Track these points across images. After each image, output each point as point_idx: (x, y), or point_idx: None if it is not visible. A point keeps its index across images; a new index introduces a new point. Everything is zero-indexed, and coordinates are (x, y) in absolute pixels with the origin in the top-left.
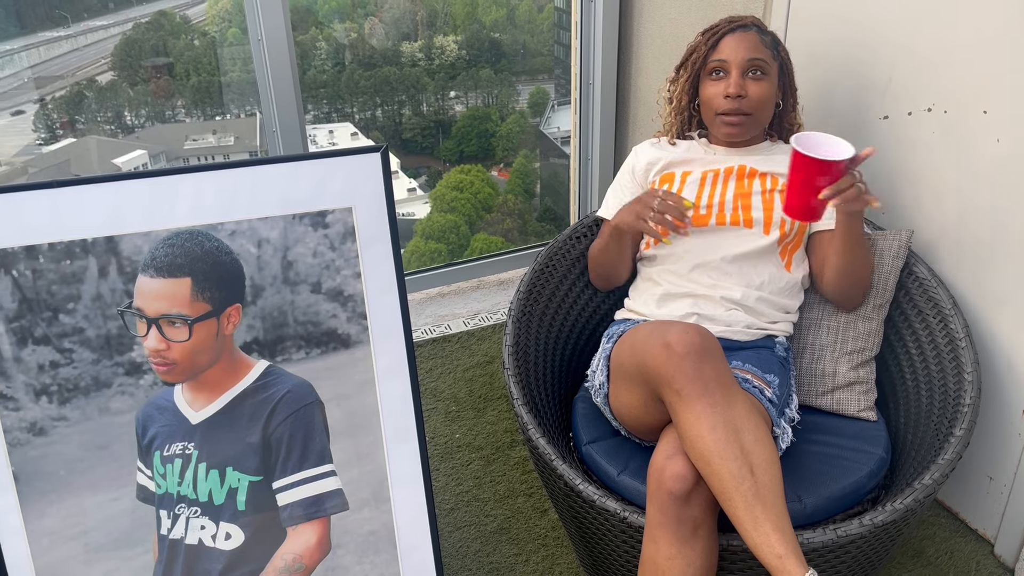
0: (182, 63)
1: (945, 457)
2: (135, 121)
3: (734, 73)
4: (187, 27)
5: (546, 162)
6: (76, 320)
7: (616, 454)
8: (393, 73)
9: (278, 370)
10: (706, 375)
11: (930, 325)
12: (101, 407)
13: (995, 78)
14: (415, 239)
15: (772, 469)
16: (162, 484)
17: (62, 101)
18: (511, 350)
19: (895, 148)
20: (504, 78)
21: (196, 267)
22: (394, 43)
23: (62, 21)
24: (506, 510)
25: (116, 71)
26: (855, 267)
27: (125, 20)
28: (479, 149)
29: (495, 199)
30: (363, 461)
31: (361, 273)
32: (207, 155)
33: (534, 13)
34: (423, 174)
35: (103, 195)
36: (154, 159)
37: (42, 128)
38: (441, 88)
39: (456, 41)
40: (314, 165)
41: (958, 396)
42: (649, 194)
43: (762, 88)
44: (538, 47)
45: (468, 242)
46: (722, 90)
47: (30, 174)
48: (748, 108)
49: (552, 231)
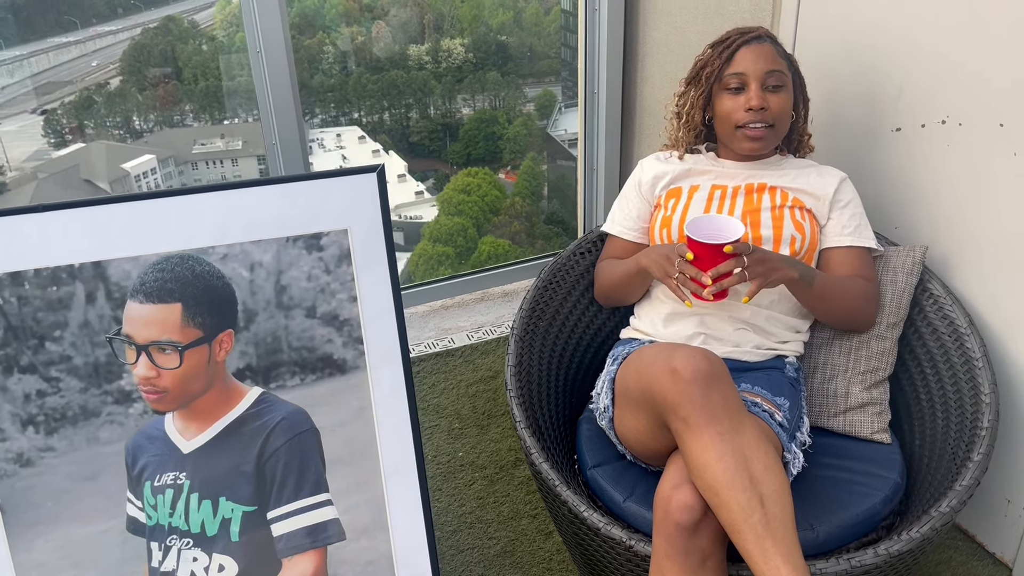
0: (190, 68)
1: (962, 483)
2: (143, 126)
3: (753, 86)
4: (195, 32)
5: (553, 164)
6: (63, 348)
7: (622, 479)
8: (400, 76)
9: (272, 397)
10: (714, 402)
11: (945, 344)
12: (89, 437)
13: (1012, 90)
14: (422, 242)
15: (783, 499)
16: (153, 515)
17: (71, 106)
18: (513, 370)
19: (908, 161)
20: (511, 81)
21: (187, 292)
22: (401, 47)
23: (71, 26)
24: (510, 532)
25: (125, 76)
26: (820, 311)
27: (134, 25)
28: (486, 152)
29: (502, 202)
30: (360, 489)
31: (357, 297)
32: (215, 159)
33: (541, 16)
34: (430, 177)
35: (90, 219)
36: (162, 163)
37: (51, 133)
38: (448, 91)
39: (463, 44)
40: (308, 186)
41: (975, 419)
42: (673, 252)
43: (782, 100)
44: (545, 49)
45: (476, 245)
46: (742, 104)
47: (39, 179)
48: (770, 120)
49: (560, 233)
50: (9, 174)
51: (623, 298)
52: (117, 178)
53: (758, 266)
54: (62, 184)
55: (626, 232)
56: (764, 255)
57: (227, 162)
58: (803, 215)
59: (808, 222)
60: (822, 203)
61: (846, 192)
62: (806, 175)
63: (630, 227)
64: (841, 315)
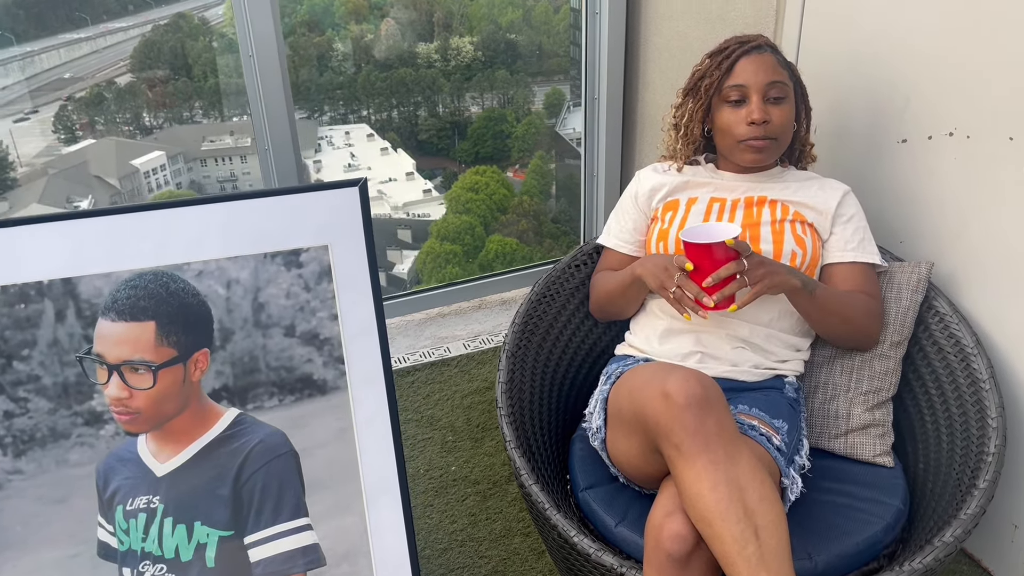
0: (200, 65)
1: (968, 512)
2: (153, 122)
3: (755, 98)
4: (205, 29)
5: (561, 163)
6: (31, 367)
7: (614, 502)
8: (409, 74)
9: (249, 419)
10: (708, 429)
11: (951, 364)
12: (59, 459)
13: (1023, 102)
14: (430, 240)
15: (778, 531)
16: (125, 540)
17: (82, 103)
18: (504, 387)
19: (913, 174)
20: (520, 79)
21: (160, 310)
22: (410, 44)
23: (82, 23)
24: (502, 551)
25: (135, 73)
26: (821, 324)
27: (144, 22)
28: (495, 150)
29: (510, 200)
30: (341, 514)
31: (338, 315)
32: (224, 156)
33: (550, 14)
34: (439, 175)
35: (61, 234)
36: (171, 160)
37: (62, 129)
38: (457, 89)
39: (472, 42)
40: (287, 200)
41: (981, 443)
42: (672, 264)
43: (784, 112)
44: (554, 48)
45: (483, 243)
46: (743, 117)
47: (49, 175)
48: (773, 133)
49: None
50: (20, 170)
51: (618, 311)
52: (126, 174)
53: (758, 269)
54: (72, 180)
55: (622, 245)
56: (763, 259)
57: (236, 159)
58: (804, 229)
59: (809, 236)
60: (824, 217)
61: (849, 206)
62: (808, 188)
63: (626, 240)
64: (844, 330)
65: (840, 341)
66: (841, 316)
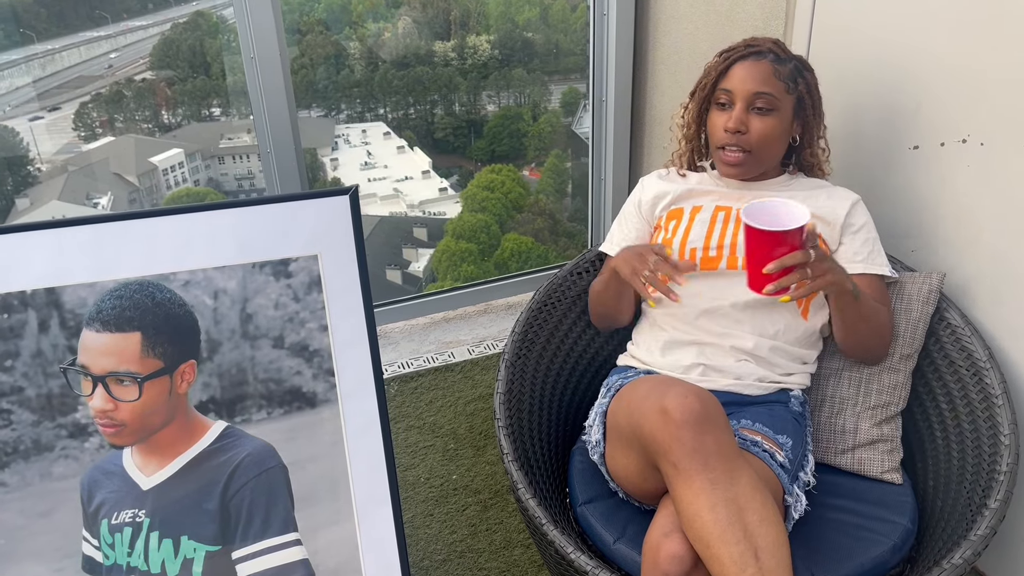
0: (218, 63)
1: (978, 532)
2: (172, 120)
3: (738, 106)
4: (224, 27)
5: (577, 162)
6: (14, 379)
7: (613, 518)
8: (426, 73)
9: (237, 431)
10: (707, 447)
11: (963, 379)
12: (43, 472)
13: None
14: (446, 238)
15: (779, 552)
16: (110, 555)
17: (102, 100)
18: (503, 398)
19: (925, 181)
20: (536, 77)
21: (146, 321)
22: (427, 42)
23: (102, 21)
24: (501, 563)
25: (155, 71)
26: (853, 331)
27: (164, 20)
28: (511, 149)
29: (526, 199)
30: (331, 528)
31: (328, 326)
32: (242, 154)
33: (567, 12)
34: (455, 174)
35: (45, 243)
36: (190, 158)
37: (82, 127)
38: (473, 88)
39: (489, 41)
40: (276, 209)
41: (993, 461)
42: (648, 250)
43: (767, 124)
44: (571, 46)
45: (499, 241)
46: (724, 122)
47: (70, 172)
48: (748, 145)
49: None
50: (40, 166)
51: (608, 312)
52: (145, 171)
53: (823, 262)
54: (92, 177)
55: None
56: (823, 254)
57: (253, 157)
58: None
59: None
60: (833, 228)
61: (859, 215)
62: (815, 197)
63: None
64: (870, 340)
65: (858, 350)
66: (873, 324)
